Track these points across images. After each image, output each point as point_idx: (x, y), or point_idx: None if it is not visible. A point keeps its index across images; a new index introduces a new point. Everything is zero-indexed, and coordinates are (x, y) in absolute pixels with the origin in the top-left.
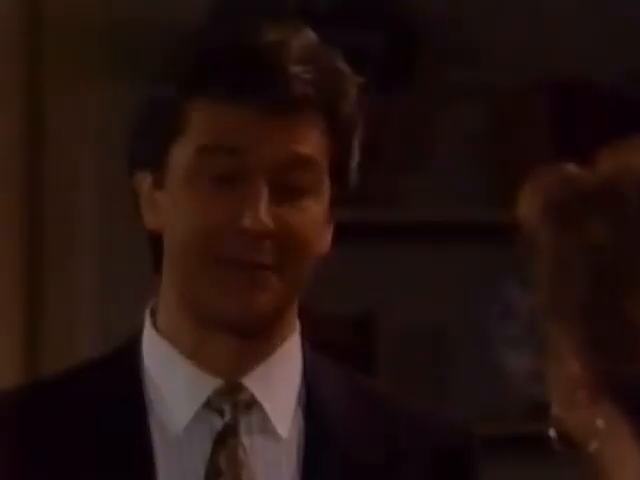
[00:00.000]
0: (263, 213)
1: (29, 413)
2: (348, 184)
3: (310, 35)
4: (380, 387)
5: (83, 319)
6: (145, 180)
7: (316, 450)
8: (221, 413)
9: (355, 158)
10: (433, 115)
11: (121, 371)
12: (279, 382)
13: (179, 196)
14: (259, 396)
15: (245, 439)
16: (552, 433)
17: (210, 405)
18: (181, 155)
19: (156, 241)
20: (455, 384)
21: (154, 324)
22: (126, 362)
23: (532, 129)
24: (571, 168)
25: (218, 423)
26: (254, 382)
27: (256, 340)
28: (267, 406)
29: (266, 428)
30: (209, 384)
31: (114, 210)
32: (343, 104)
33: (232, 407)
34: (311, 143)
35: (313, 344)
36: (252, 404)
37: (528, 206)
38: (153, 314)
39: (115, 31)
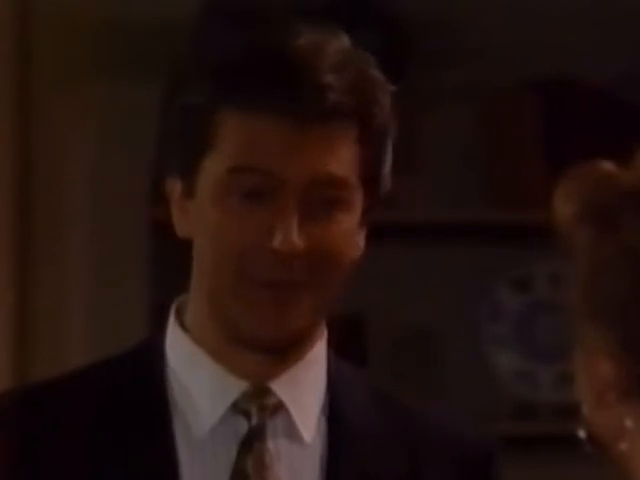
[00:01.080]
0: (294, 234)
1: (49, 410)
2: (380, 191)
3: (344, 40)
4: (404, 397)
5: (73, 325)
6: (176, 186)
7: (338, 458)
8: (247, 416)
9: (388, 165)
10: (423, 116)
11: (145, 369)
12: (306, 387)
13: (209, 212)
14: (286, 400)
15: (270, 443)
16: (582, 434)
17: (236, 408)
18: (211, 170)
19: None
20: (444, 384)
21: (180, 323)
22: (150, 360)
23: (523, 129)
24: (607, 167)
25: (243, 426)
26: (281, 386)
27: (283, 352)
28: (293, 410)
29: (291, 433)
30: (236, 386)
31: (106, 214)
32: (376, 113)
33: (259, 410)
34: (344, 158)
35: None
36: (279, 408)
37: (564, 206)
38: (179, 312)
39: (110, 31)
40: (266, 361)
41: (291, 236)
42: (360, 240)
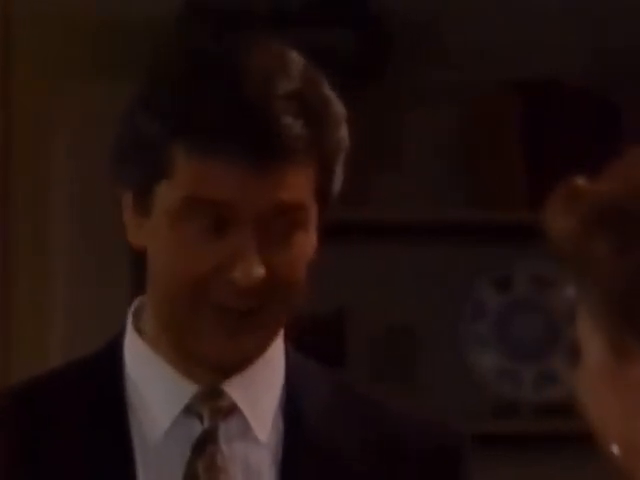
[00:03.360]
0: (255, 265)
1: (7, 416)
2: (331, 202)
3: (296, 60)
4: (366, 390)
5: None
6: (129, 200)
7: (295, 456)
8: (201, 419)
9: (340, 177)
10: (405, 114)
11: (103, 373)
12: (261, 387)
13: (165, 237)
14: (239, 401)
15: (224, 445)
16: (615, 450)
17: (190, 411)
18: (167, 197)
19: (140, 258)
20: (426, 383)
21: (136, 326)
22: (108, 364)
23: (504, 129)
24: (584, 182)
25: (197, 429)
26: (235, 388)
27: (242, 369)
28: (247, 411)
29: (246, 433)
30: (189, 389)
31: (86, 215)
32: (332, 137)
33: (211, 413)
34: (299, 184)
35: (287, 343)
36: (232, 410)
37: (565, 221)
38: (136, 315)
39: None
40: (222, 371)
41: (252, 268)
42: (314, 246)
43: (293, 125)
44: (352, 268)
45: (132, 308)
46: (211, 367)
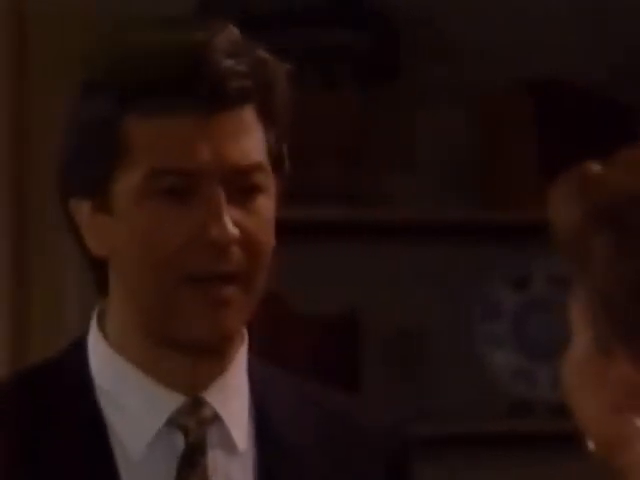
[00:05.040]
0: (229, 222)
1: None
2: (284, 173)
3: (233, 31)
4: (323, 391)
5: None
6: (82, 206)
7: (271, 463)
8: (184, 430)
9: (286, 145)
10: (417, 114)
11: (72, 384)
12: (234, 394)
13: (134, 219)
14: (220, 411)
15: (209, 456)
16: (590, 445)
17: (172, 422)
18: (127, 180)
19: (100, 265)
20: (441, 383)
21: (102, 330)
22: (76, 373)
23: (516, 129)
24: (597, 168)
25: (180, 440)
26: (214, 397)
27: (217, 358)
28: (227, 420)
29: (226, 443)
30: (171, 401)
31: None
32: (276, 94)
33: (197, 424)
34: (254, 142)
35: (300, 345)
36: (214, 419)
37: (568, 212)
38: (100, 319)
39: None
40: (196, 369)
41: (226, 225)
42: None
43: (235, 72)
44: (365, 269)
45: (95, 312)
46: (193, 345)
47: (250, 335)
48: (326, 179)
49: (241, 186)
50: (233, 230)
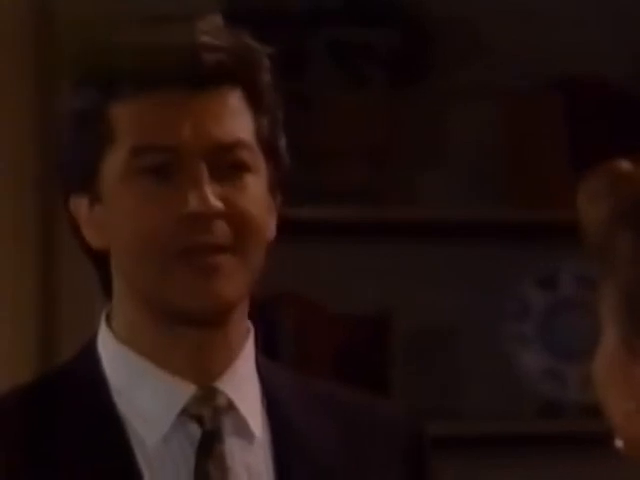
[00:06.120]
0: (209, 194)
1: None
2: (281, 165)
3: (216, 18)
4: (333, 386)
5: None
6: (81, 202)
7: (285, 447)
8: (199, 420)
9: (282, 137)
10: (447, 113)
11: (85, 385)
12: (246, 383)
13: (119, 199)
14: (235, 399)
15: (227, 445)
16: (618, 444)
17: (187, 412)
18: (113, 162)
19: (102, 263)
20: (469, 383)
21: (111, 329)
22: (89, 374)
23: (546, 127)
24: (627, 166)
25: (195, 430)
26: (227, 385)
27: (221, 338)
28: (242, 408)
29: (242, 431)
30: (184, 390)
31: None
32: (260, 74)
33: (213, 413)
34: (239, 121)
35: (330, 344)
36: (228, 408)
37: (595, 210)
38: (108, 321)
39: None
40: (204, 355)
41: (206, 196)
42: (272, 223)
43: (213, 47)
44: (395, 268)
45: (104, 314)
46: (192, 317)
47: (280, 334)
48: (357, 178)
49: (225, 163)
50: (215, 202)
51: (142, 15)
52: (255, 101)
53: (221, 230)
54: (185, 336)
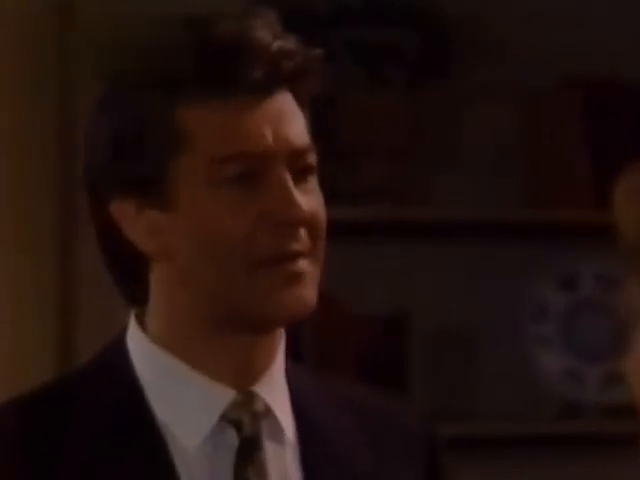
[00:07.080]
0: (298, 199)
1: (23, 430)
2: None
3: (270, 13)
4: (347, 387)
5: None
6: (126, 206)
7: (313, 450)
8: (237, 425)
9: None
10: (466, 113)
11: (117, 385)
12: (279, 387)
13: (200, 207)
14: (271, 403)
15: (265, 450)
16: None
17: (225, 417)
18: (188, 171)
19: (137, 267)
20: (489, 384)
21: (144, 331)
22: (119, 375)
23: (565, 127)
24: None
25: (232, 435)
26: (264, 389)
27: (268, 343)
28: (278, 413)
29: (277, 435)
30: (223, 395)
31: None
32: (315, 77)
33: (252, 418)
34: (302, 123)
35: (350, 344)
36: (266, 412)
37: (633, 209)
38: (140, 321)
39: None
40: (247, 360)
41: (297, 203)
42: None
43: (286, 52)
44: (415, 268)
45: (132, 313)
46: (264, 327)
47: (301, 335)
48: (375, 178)
49: (298, 167)
50: (304, 208)
51: (168, 13)
52: (304, 103)
53: (303, 237)
54: (236, 341)
